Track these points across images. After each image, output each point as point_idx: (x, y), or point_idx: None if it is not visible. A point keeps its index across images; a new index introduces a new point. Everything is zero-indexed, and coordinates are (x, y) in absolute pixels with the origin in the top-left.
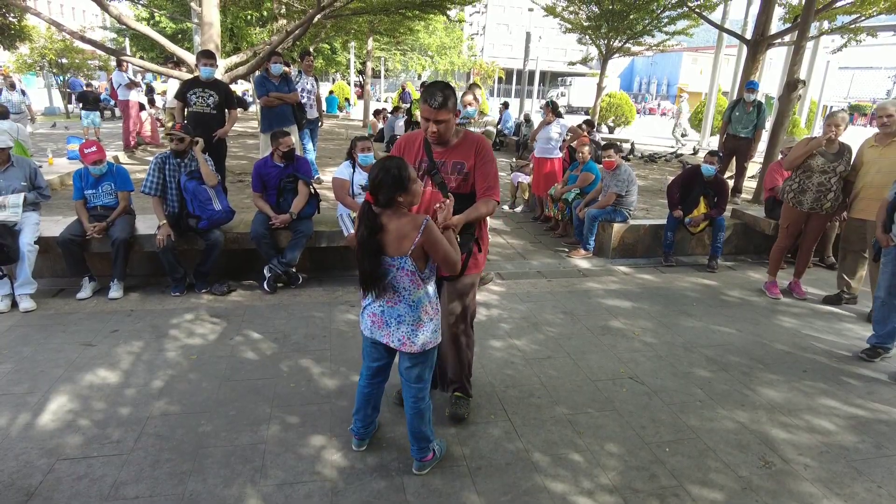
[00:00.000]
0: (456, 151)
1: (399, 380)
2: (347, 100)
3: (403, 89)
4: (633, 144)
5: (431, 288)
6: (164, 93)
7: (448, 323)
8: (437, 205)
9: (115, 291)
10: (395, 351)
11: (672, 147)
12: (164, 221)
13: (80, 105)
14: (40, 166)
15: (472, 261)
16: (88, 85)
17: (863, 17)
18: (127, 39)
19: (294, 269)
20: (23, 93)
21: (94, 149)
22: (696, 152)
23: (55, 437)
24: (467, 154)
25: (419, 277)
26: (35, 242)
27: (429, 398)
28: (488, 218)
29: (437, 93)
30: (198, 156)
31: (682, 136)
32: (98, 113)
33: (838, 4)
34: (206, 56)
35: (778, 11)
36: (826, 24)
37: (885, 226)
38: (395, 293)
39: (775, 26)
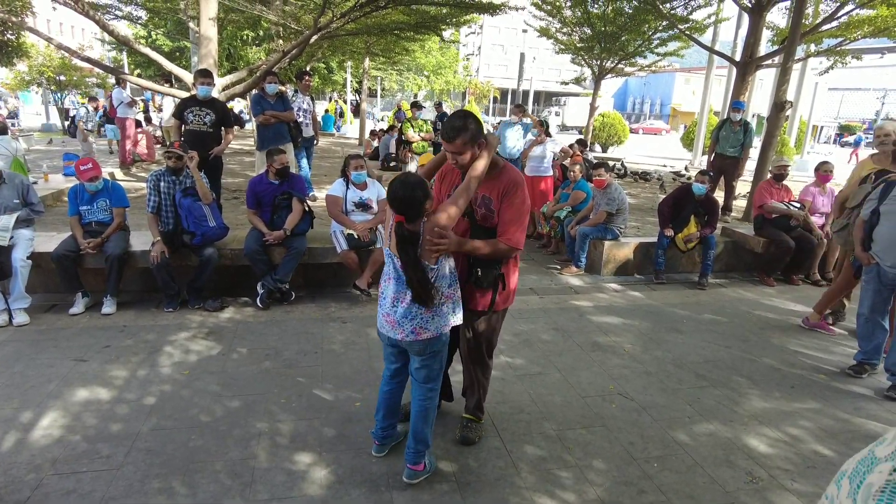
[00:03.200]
0: (488, 184)
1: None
2: (342, 114)
3: (399, 108)
4: (622, 163)
5: (447, 269)
6: (160, 108)
7: (472, 357)
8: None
9: (109, 307)
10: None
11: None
12: (159, 238)
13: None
14: (35, 182)
15: (501, 296)
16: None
17: (847, 41)
18: (124, 55)
19: (287, 286)
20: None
21: (89, 165)
22: (687, 170)
23: (45, 452)
24: (496, 191)
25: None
26: (28, 258)
27: (436, 401)
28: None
29: (451, 125)
30: (194, 173)
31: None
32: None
33: (824, 28)
34: (204, 75)
35: (766, 34)
36: (813, 47)
37: (863, 244)
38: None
39: (764, 48)
